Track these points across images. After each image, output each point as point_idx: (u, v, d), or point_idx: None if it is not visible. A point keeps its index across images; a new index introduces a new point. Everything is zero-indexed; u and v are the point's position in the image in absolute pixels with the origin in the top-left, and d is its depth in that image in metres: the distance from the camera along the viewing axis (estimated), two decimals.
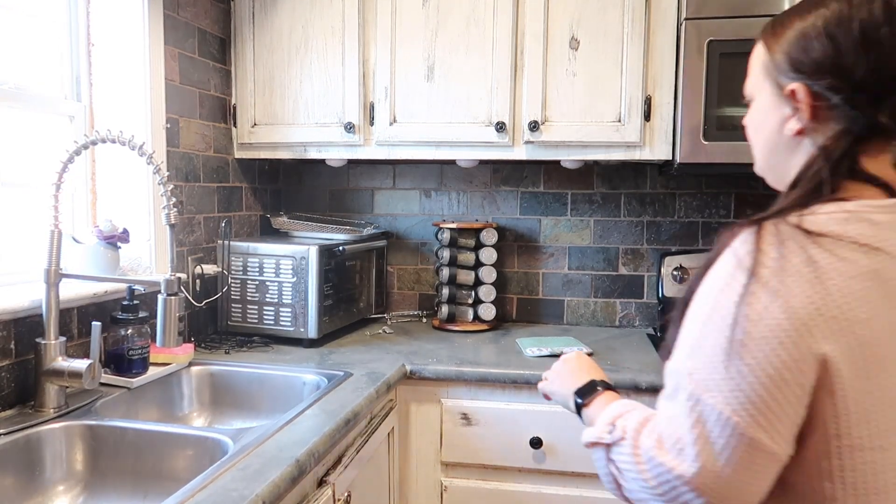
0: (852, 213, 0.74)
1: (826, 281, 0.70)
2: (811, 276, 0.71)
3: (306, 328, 1.94)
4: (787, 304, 0.70)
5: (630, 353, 1.95)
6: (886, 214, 0.74)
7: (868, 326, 0.71)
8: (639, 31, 1.90)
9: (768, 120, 0.86)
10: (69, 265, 1.54)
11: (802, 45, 0.79)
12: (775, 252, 0.72)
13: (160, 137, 1.82)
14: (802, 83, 0.79)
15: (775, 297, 0.70)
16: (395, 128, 2.04)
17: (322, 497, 1.20)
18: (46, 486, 1.27)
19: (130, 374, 1.54)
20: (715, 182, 2.27)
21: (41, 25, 1.65)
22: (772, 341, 0.70)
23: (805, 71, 0.79)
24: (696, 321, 0.76)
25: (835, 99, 0.77)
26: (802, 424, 0.72)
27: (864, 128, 0.77)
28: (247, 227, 2.30)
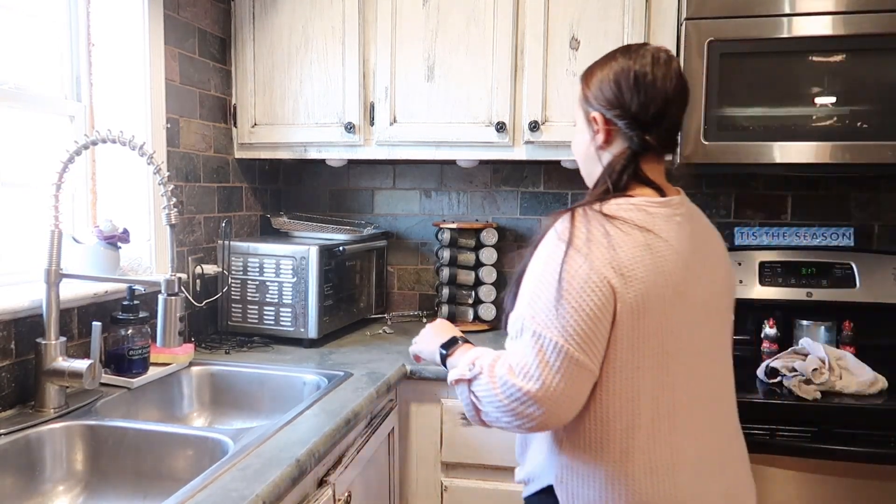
0: (635, 205, 1.05)
1: (617, 248, 1.00)
2: (607, 244, 1.00)
3: (306, 328, 1.94)
4: (592, 263, 0.98)
5: None
6: (657, 208, 1.05)
7: (642, 281, 0.99)
8: (639, 31, 1.89)
9: (582, 138, 1.16)
10: (69, 265, 1.54)
11: (600, 87, 1.10)
12: (584, 228, 1.01)
13: (160, 137, 1.81)
14: (600, 113, 1.11)
15: (585, 258, 0.99)
16: (395, 128, 2.04)
17: (322, 497, 1.20)
18: (46, 486, 1.27)
19: (131, 374, 1.54)
20: (715, 182, 2.27)
21: (41, 25, 1.65)
22: (584, 289, 0.98)
23: (602, 104, 1.10)
24: (533, 281, 1.02)
25: (620, 124, 1.08)
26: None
27: (640, 146, 1.08)
28: (247, 227, 2.30)
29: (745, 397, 1.62)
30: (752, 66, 1.80)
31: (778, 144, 1.80)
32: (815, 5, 1.76)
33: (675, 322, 1.03)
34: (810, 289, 2.11)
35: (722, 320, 1.13)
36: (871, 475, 1.54)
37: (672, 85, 1.08)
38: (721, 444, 1.10)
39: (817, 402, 1.58)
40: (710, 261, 1.10)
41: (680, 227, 1.07)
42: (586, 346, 0.97)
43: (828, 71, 1.77)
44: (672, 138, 1.13)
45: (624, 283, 0.98)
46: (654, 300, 1.00)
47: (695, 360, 1.06)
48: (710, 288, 1.09)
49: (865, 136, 1.76)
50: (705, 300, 1.07)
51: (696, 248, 1.07)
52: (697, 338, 1.06)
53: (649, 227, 1.03)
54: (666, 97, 1.07)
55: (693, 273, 1.05)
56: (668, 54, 1.10)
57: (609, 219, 1.02)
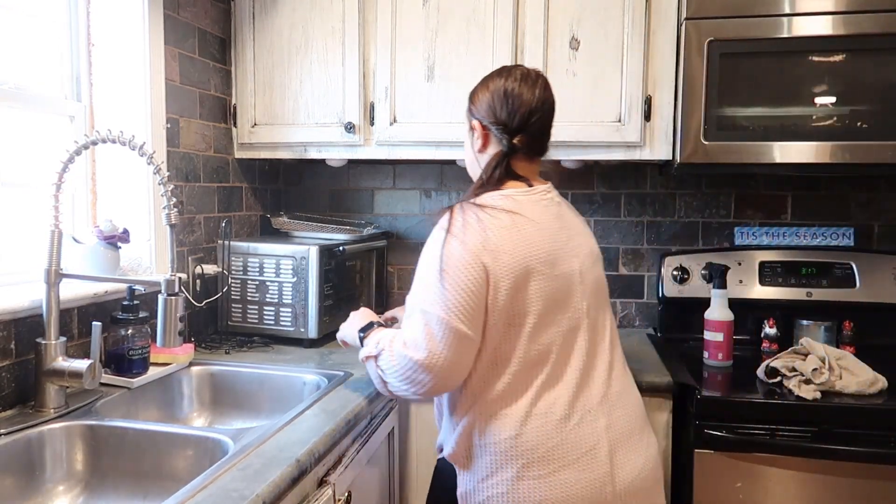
0: (503, 195, 1.26)
1: (487, 230, 1.19)
2: (479, 228, 1.19)
3: (306, 328, 1.94)
4: (466, 245, 1.18)
5: (630, 353, 1.94)
6: (523, 196, 1.27)
7: (511, 255, 1.18)
8: (639, 31, 1.90)
9: (467, 144, 1.38)
10: (69, 265, 1.54)
11: (479, 101, 1.33)
12: (460, 218, 1.21)
13: (160, 137, 1.82)
14: (478, 121, 1.33)
15: (461, 242, 1.18)
16: (395, 128, 2.04)
17: (322, 497, 1.20)
18: (47, 486, 1.27)
19: (131, 374, 1.54)
20: (715, 182, 2.27)
21: (41, 25, 1.65)
22: (460, 268, 1.17)
23: (480, 115, 1.32)
24: (421, 266, 1.23)
25: (493, 130, 1.31)
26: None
27: (509, 148, 1.30)
28: (247, 227, 2.30)
29: (745, 397, 1.63)
30: (752, 66, 1.80)
31: (778, 144, 1.80)
32: (815, 5, 1.76)
33: (548, 287, 1.21)
34: (810, 289, 2.11)
35: (596, 286, 1.32)
36: (871, 475, 1.54)
37: (537, 98, 1.30)
38: (601, 389, 1.24)
39: (817, 402, 1.58)
40: (576, 239, 1.31)
41: (546, 208, 1.29)
42: (466, 318, 1.16)
43: (828, 71, 1.77)
44: (539, 142, 1.34)
45: (495, 258, 1.17)
46: (524, 270, 1.19)
47: (570, 320, 1.23)
48: (580, 259, 1.28)
49: (865, 136, 1.76)
50: (576, 269, 1.26)
51: (563, 227, 1.29)
52: (572, 300, 1.24)
53: (516, 211, 1.23)
54: (530, 108, 1.29)
55: (561, 246, 1.25)
56: (537, 73, 1.34)
57: (481, 208, 1.23)
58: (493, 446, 1.19)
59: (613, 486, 1.19)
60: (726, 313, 1.87)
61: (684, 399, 1.69)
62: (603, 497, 1.18)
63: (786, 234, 2.23)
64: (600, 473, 1.18)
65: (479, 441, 1.21)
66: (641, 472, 1.23)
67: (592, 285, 1.30)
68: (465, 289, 1.16)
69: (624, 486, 1.20)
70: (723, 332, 1.86)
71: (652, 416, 1.73)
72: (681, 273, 2.17)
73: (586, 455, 1.18)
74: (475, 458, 1.22)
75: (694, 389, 1.64)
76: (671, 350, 2.00)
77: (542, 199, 1.29)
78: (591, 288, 1.30)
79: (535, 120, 1.30)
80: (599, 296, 1.32)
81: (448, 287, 1.16)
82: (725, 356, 1.86)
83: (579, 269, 1.27)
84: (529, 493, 1.17)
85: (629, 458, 1.23)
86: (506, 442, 1.18)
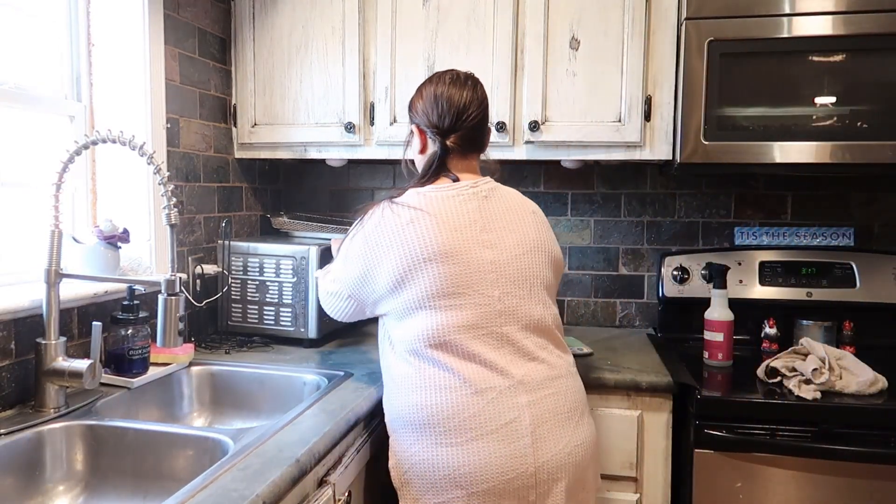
0: (419, 192, 1.38)
1: (384, 223, 1.35)
2: (380, 221, 1.36)
3: (307, 328, 1.94)
4: (366, 235, 1.37)
5: (630, 353, 1.95)
6: (436, 192, 1.37)
7: (401, 248, 1.32)
8: (639, 31, 1.90)
9: (411, 146, 1.50)
10: (69, 265, 1.54)
11: (416, 107, 1.46)
12: (372, 212, 1.39)
13: (160, 137, 1.81)
14: (416, 125, 1.47)
15: (362, 232, 1.38)
16: (395, 128, 2.04)
17: (322, 497, 1.20)
18: (47, 486, 1.27)
19: (131, 374, 1.54)
20: (715, 182, 2.27)
21: (41, 25, 1.65)
22: (357, 254, 1.38)
23: (417, 119, 1.45)
24: (344, 241, 1.45)
25: (428, 132, 1.44)
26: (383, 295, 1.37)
27: (443, 149, 1.41)
28: (247, 227, 2.30)
29: (745, 397, 1.63)
30: (752, 65, 1.80)
31: (778, 144, 1.80)
32: (816, 5, 1.76)
33: (444, 274, 1.30)
34: (810, 289, 2.11)
35: (522, 275, 1.37)
36: (871, 475, 1.54)
37: (466, 99, 1.40)
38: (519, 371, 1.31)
39: (817, 402, 1.58)
40: (498, 232, 1.37)
41: (461, 203, 1.37)
42: (351, 288, 1.41)
43: (828, 71, 1.77)
44: (472, 141, 1.43)
45: (387, 251, 1.33)
46: (412, 259, 1.31)
47: (476, 306, 1.31)
48: (498, 250, 1.35)
49: (865, 136, 1.76)
50: (486, 259, 1.34)
51: (477, 220, 1.36)
52: (478, 287, 1.32)
53: (420, 207, 1.35)
54: (459, 109, 1.39)
55: (466, 238, 1.33)
56: (468, 75, 1.45)
57: (392, 204, 1.37)
58: (411, 416, 1.31)
59: (535, 458, 1.26)
60: (726, 313, 1.87)
61: (684, 399, 1.69)
62: (525, 468, 1.25)
63: (786, 234, 2.23)
64: (521, 445, 1.25)
65: (401, 411, 1.33)
66: (567, 447, 1.30)
67: (515, 274, 1.36)
68: (356, 273, 1.39)
69: (546, 459, 1.27)
70: (723, 332, 1.86)
71: (652, 416, 1.73)
72: (681, 273, 2.17)
73: (505, 427, 1.26)
74: (399, 429, 1.35)
75: (694, 389, 1.64)
76: (671, 350, 2.00)
77: (458, 195, 1.37)
78: (513, 277, 1.35)
79: (466, 119, 1.40)
80: (524, 285, 1.37)
81: (345, 269, 1.42)
82: (725, 356, 1.86)
83: (492, 260, 1.34)
84: (448, 460, 1.26)
85: (555, 433, 1.29)
86: (420, 411, 1.29)
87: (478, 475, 1.24)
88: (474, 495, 1.24)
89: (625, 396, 1.73)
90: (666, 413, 1.72)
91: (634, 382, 1.71)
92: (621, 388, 1.72)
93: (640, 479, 1.75)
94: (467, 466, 1.24)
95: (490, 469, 1.24)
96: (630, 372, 1.74)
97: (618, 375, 1.72)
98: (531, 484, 1.26)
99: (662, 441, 1.73)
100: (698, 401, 1.61)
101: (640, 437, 1.73)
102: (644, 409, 1.73)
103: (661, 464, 1.73)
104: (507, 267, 1.35)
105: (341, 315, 1.50)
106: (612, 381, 1.71)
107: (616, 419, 1.73)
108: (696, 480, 1.62)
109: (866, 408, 1.56)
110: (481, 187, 1.40)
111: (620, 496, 1.75)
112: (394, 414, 1.36)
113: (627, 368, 1.78)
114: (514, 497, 1.25)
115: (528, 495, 1.26)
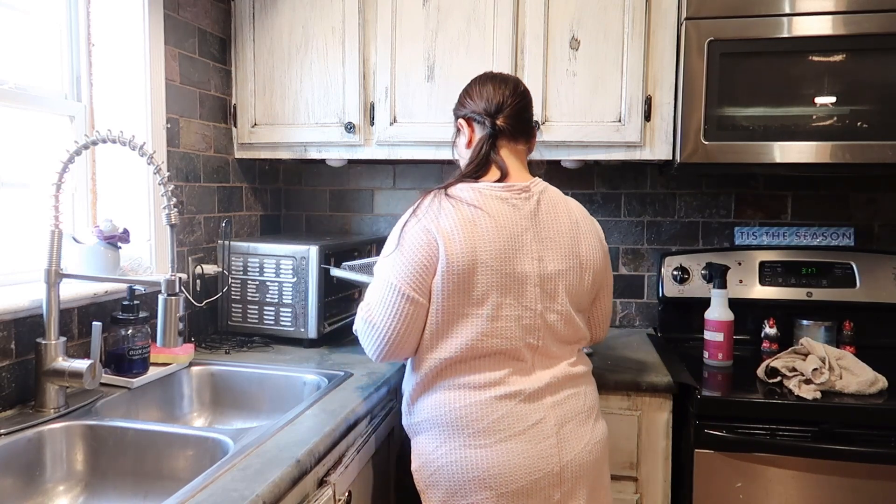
0: (473, 188, 1.34)
1: (442, 216, 1.31)
2: (438, 213, 1.31)
3: (307, 328, 1.94)
4: (424, 227, 1.30)
5: (630, 353, 1.95)
6: (492, 190, 1.34)
7: (461, 244, 1.28)
8: (639, 31, 1.90)
9: (460, 145, 1.48)
10: (69, 265, 1.54)
11: (461, 102, 1.47)
12: (427, 203, 1.34)
13: (160, 137, 1.82)
14: (462, 118, 1.46)
15: (418, 223, 1.31)
16: (395, 128, 2.04)
17: (322, 497, 1.20)
18: (47, 487, 1.27)
19: (131, 374, 1.54)
20: (715, 182, 2.27)
21: (41, 25, 1.65)
22: (415, 245, 1.30)
23: (462, 112, 1.46)
24: (388, 240, 1.36)
25: (477, 118, 1.42)
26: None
27: (493, 129, 1.40)
28: (247, 227, 2.30)
29: (745, 397, 1.63)
30: (752, 66, 1.80)
31: (778, 144, 1.80)
32: (815, 5, 1.76)
33: (497, 282, 1.29)
34: (810, 289, 2.11)
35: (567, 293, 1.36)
36: (871, 475, 1.54)
37: (510, 86, 1.43)
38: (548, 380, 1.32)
39: (817, 402, 1.58)
40: (547, 242, 1.35)
41: (515, 208, 1.34)
42: (410, 283, 1.29)
43: (828, 71, 1.77)
44: (520, 124, 1.42)
45: (448, 243, 1.28)
46: (472, 258, 1.28)
47: (521, 319, 1.31)
48: (544, 263, 1.33)
49: (865, 136, 1.76)
50: (530, 272, 1.32)
51: (529, 227, 1.34)
52: (523, 300, 1.31)
53: (478, 205, 1.32)
54: (503, 95, 1.41)
55: (519, 246, 1.32)
56: (510, 75, 1.48)
57: (447, 197, 1.34)
58: (440, 418, 1.30)
59: (560, 458, 1.28)
60: (726, 313, 1.87)
61: (684, 399, 1.69)
62: (550, 467, 1.27)
63: (786, 234, 2.23)
64: (547, 445, 1.28)
65: (428, 414, 1.32)
66: (588, 445, 1.33)
67: (553, 291, 1.34)
68: (415, 261, 1.29)
69: (570, 458, 1.29)
70: (723, 332, 1.86)
71: (652, 416, 1.73)
72: (681, 273, 2.17)
73: (532, 428, 1.28)
74: (425, 431, 1.33)
75: (694, 389, 1.64)
76: (671, 350, 2.00)
77: (513, 197, 1.35)
78: (552, 293, 1.34)
79: (511, 103, 1.41)
80: (563, 302, 1.35)
81: (399, 259, 1.31)
82: (725, 356, 1.87)
83: (537, 273, 1.32)
84: (478, 461, 1.26)
85: (577, 432, 1.32)
86: (451, 413, 1.29)
87: (507, 476, 1.25)
88: (503, 496, 1.25)
89: (625, 396, 1.73)
90: (666, 413, 1.72)
91: (634, 382, 1.71)
92: (621, 388, 1.72)
93: (640, 479, 1.75)
94: (497, 468, 1.25)
95: (519, 469, 1.26)
96: (630, 372, 1.74)
97: (618, 375, 1.72)
98: (556, 483, 1.28)
99: (662, 441, 1.73)
100: (698, 401, 1.62)
101: (640, 437, 1.73)
102: (644, 409, 1.73)
103: (661, 464, 1.73)
104: (548, 282, 1.34)
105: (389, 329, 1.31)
106: (612, 381, 1.71)
107: (616, 419, 1.73)
108: (696, 480, 1.62)
109: (866, 408, 1.56)
110: (533, 191, 1.38)
111: (620, 496, 1.75)
112: (420, 416, 1.35)
113: (627, 368, 1.78)
114: (541, 496, 1.27)
115: (553, 494, 1.28)
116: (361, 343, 1.38)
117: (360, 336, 1.38)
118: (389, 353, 1.33)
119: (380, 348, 1.33)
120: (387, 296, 1.31)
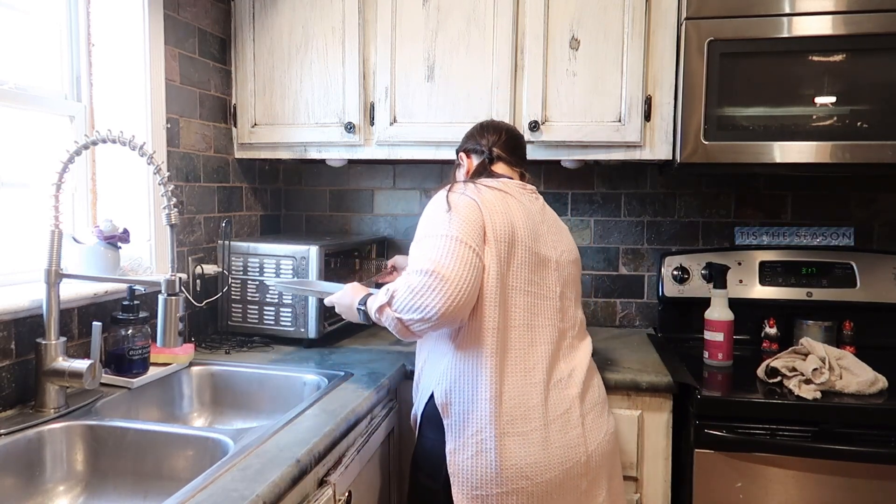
0: (494, 179, 1.45)
1: (481, 191, 1.37)
2: (476, 189, 1.38)
3: (306, 328, 1.94)
4: (469, 197, 1.35)
5: (630, 353, 1.95)
6: (512, 182, 1.46)
7: (503, 216, 1.34)
8: (639, 31, 1.89)
9: (458, 173, 1.59)
10: (69, 265, 1.54)
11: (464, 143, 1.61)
12: (460, 186, 1.40)
13: (160, 137, 1.82)
14: (463, 151, 1.60)
15: (463, 194, 1.36)
16: (395, 128, 2.04)
17: (322, 497, 1.20)
18: (47, 487, 1.27)
19: (131, 374, 1.54)
20: (715, 182, 2.27)
21: (41, 25, 1.65)
22: (467, 205, 1.33)
23: (462, 148, 1.61)
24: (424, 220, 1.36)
25: (476, 149, 1.56)
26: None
27: (489, 154, 1.53)
28: (247, 227, 2.30)
29: (745, 397, 1.63)
30: (752, 66, 1.80)
31: (778, 144, 1.80)
32: (815, 5, 1.76)
33: (530, 259, 1.36)
34: (810, 289, 2.11)
35: (571, 280, 1.47)
36: (871, 475, 1.54)
37: (505, 124, 1.60)
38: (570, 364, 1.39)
39: (817, 402, 1.58)
40: (555, 235, 1.46)
41: (532, 200, 1.47)
42: (472, 238, 1.28)
43: (828, 71, 1.77)
44: (515, 147, 1.56)
45: (490, 214, 1.33)
46: (511, 233, 1.34)
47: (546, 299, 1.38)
48: (558, 252, 1.43)
49: (865, 136, 1.76)
50: (552, 257, 1.41)
51: (545, 220, 1.45)
52: (547, 281, 1.39)
53: (506, 191, 1.41)
54: (499, 126, 1.58)
55: (542, 232, 1.42)
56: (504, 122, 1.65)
57: (477, 184, 1.40)
58: (478, 403, 1.29)
59: (586, 447, 1.34)
60: (726, 313, 1.87)
61: (684, 399, 1.69)
62: (579, 457, 1.32)
63: (786, 234, 2.23)
64: (575, 435, 1.33)
65: (463, 396, 1.31)
66: (605, 435, 1.40)
67: (568, 278, 1.45)
68: (471, 219, 1.30)
69: (594, 448, 1.35)
70: (723, 332, 1.86)
71: (652, 416, 1.73)
72: (681, 273, 2.17)
73: (561, 417, 1.32)
74: (460, 415, 1.31)
75: (694, 389, 1.64)
76: (671, 350, 2.00)
77: (528, 193, 1.48)
78: (566, 280, 1.45)
79: (505, 138, 1.55)
80: (573, 290, 1.48)
81: (456, 216, 1.30)
82: (725, 356, 1.87)
83: (556, 259, 1.43)
84: (515, 449, 1.27)
85: (597, 422, 1.39)
86: (490, 400, 1.28)
87: (543, 465, 1.28)
88: (539, 485, 1.27)
89: (625, 396, 1.73)
90: (666, 413, 1.72)
91: (634, 382, 1.71)
92: (621, 388, 1.72)
93: (640, 479, 1.75)
94: (533, 456, 1.28)
95: (553, 459, 1.29)
96: (630, 372, 1.74)
97: (618, 375, 1.72)
98: (583, 472, 1.32)
99: (662, 441, 1.73)
100: (698, 401, 1.61)
101: (641, 436, 1.73)
102: (644, 409, 1.73)
103: (661, 464, 1.73)
104: (563, 269, 1.44)
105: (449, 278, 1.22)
106: (612, 381, 1.71)
107: (616, 419, 1.72)
108: (696, 480, 1.62)
109: (866, 408, 1.56)
110: (537, 194, 1.53)
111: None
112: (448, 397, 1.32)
113: (627, 368, 1.77)
114: (570, 486, 1.31)
115: (580, 483, 1.31)
116: (411, 306, 1.24)
117: (410, 299, 1.24)
118: (461, 305, 1.23)
119: (451, 300, 1.21)
120: (453, 248, 1.25)
